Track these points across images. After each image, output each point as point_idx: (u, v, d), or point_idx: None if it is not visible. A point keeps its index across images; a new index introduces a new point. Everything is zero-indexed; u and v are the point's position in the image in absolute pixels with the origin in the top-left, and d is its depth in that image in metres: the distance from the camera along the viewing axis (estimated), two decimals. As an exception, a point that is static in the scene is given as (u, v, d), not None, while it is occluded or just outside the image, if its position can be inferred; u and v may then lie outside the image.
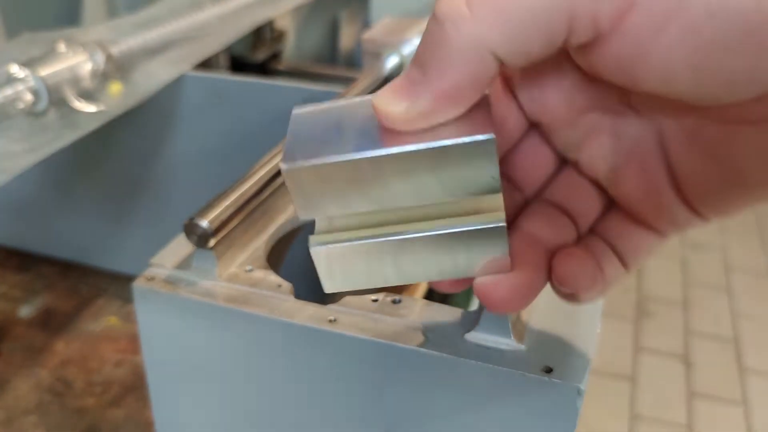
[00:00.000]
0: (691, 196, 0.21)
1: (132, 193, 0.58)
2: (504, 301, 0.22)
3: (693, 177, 0.21)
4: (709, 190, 0.21)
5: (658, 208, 0.22)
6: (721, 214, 0.22)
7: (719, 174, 0.20)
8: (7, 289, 0.58)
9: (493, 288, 0.22)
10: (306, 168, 0.19)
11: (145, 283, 0.31)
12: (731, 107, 0.18)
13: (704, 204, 0.21)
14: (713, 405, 1.14)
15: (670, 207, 0.22)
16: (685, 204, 0.22)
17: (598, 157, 0.23)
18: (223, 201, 0.32)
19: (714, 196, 0.21)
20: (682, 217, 0.22)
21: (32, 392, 0.49)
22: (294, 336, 0.29)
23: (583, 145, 0.23)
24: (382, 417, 0.29)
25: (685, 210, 0.22)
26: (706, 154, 0.20)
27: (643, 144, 0.22)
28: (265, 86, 0.51)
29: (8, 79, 0.43)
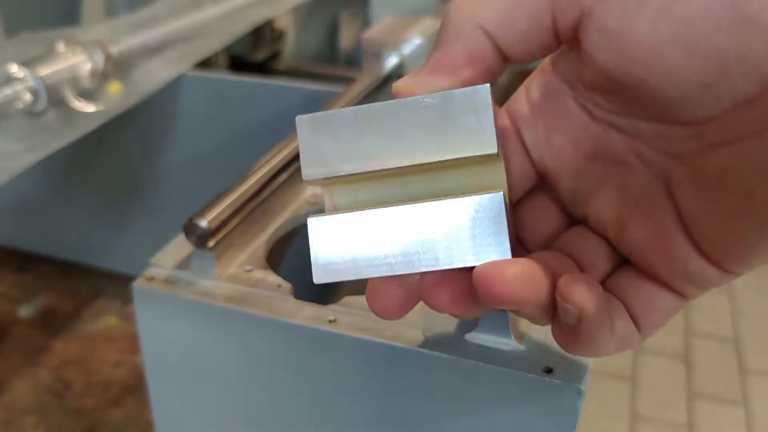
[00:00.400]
0: (706, 244, 0.19)
1: (131, 192, 0.58)
2: (507, 285, 0.19)
3: (704, 220, 0.19)
4: (724, 232, 0.19)
5: (668, 259, 0.20)
6: (745, 262, 0.19)
7: (732, 209, 0.18)
8: (6, 289, 0.58)
9: (493, 271, 0.19)
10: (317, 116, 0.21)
11: (145, 283, 0.31)
12: (733, 115, 0.17)
13: (722, 251, 0.19)
14: (714, 405, 1.14)
15: (683, 258, 0.20)
16: (701, 255, 0.20)
17: (605, 210, 0.22)
18: (222, 201, 0.32)
19: (731, 239, 0.19)
20: (698, 270, 0.20)
21: (32, 392, 0.49)
22: (294, 336, 0.29)
23: (590, 198, 0.22)
24: (381, 417, 0.29)
25: (701, 261, 0.20)
26: (714, 188, 0.19)
27: (650, 193, 0.20)
28: (264, 86, 0.51)
29: (7, 79, 0.43)
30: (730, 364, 1.21)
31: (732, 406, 1.12)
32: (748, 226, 0.18)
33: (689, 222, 0.20)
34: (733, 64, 0.16)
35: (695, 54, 0.16)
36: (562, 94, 0.21)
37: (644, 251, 0.21)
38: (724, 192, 0.18)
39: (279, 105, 0.50)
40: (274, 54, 0.71)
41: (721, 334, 1.30)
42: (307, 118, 0.21)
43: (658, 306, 0.21)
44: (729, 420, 1.09)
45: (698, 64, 0.17)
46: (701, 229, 0.19)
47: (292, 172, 0.38)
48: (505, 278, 0.19)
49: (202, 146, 0.54)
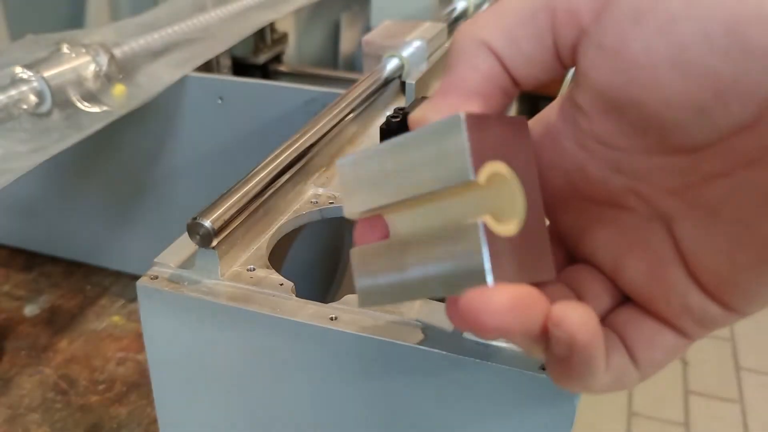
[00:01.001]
0: (706, 278, 0.19)
1: (135, 193, 0.58)
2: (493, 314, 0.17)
3: (703, 253, 0.19)
4: (723, 265, 0.18)
5: (667, 293, 0.20)
6: (747, 299, 0.18)
7: (731, 241, 0.18)
8: (12, 288, 0.59)
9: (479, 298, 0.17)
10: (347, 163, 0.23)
11: (149, 282, 0.31)
12: (729, 143, 0.17)
13: (722, 286, 0.19)
14: (710, 403, 1.14)
15: (682, 292, 0.19)
16: (702, 290, 0.19)
17: (601, 249, 0.21)
18: (225, 201, 0.32)
19: (730, 273, 0.18)
20: (699, 305, 0.19)
21: (36, 390, 0.49)
22: (295, 334, 0.29)
23: (585, 236, 0.22)
24: (381, 414, 0.29)
25: (702, 297, 0.19)
26: (712, 220, 0.18)
27: (647, 230, 0.20)
28: (266, 88, 0.51)
29: (12, 81, 0.43)
30: (725, 362, 1.21)
31: (727, 403, 1.12)
32: (748, 259, 0.18)
33: (688, 256, 0.19)
34: (728, 87, 0.16)
35: (690, 76, 0.16)
36: (563, 135, 0.21)
37: (642, 286, 0.20)
38: (722, 224, 0.18)
39: (281, 107, 0.50)
40: (276, 56, 0.72)
41: (717, 333, 1.30)
42: (347, 162, 0.23)
43: (658, 343, 0.20)
44: (724, 417, 1.09)
45: (694, 86, 0.16)
46: (701, 263, 0.19)
47: (295, 172, 0.38)
48: (490, 307, 0.17)
49: (205, 147, 0.54)
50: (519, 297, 0.17)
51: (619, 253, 0.21)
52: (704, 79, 0.16)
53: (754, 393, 1.15)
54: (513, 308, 0.17)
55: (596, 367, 0.19)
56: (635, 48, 0.17)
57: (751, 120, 0.16)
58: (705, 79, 0.16)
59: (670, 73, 0.16)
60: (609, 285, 0.22)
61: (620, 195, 0.20)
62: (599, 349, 0.19)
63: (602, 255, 0.21)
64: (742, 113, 0.16)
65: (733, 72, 0.16)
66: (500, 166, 0.20)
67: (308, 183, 0.40)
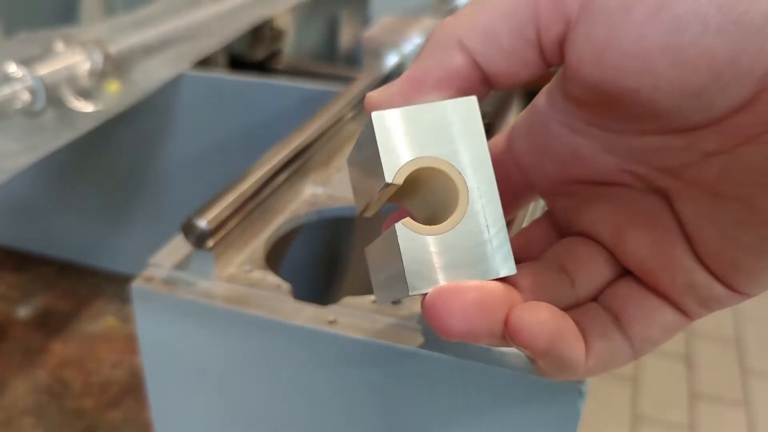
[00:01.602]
0: (709, 258, 0.19)
1: (130, 192, 0.57)
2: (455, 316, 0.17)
3: (706, 233, 0.18)
4: (726, 244, 0.18)
5: (672, 269, 0.19)
6: (750, 279, 0.18)
7: (733, 220, 0.18)
8: (5, 289, 0.58)
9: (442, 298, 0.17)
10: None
11: (144, 283, 0.31)
12: (727, 122, 0.17)
13: (726, 265, 0.18)
14: (715, 406, 1.14)
15: (688, 269, 0.19)
16: (706, 269, 0.19)
17: (600, 223, 0.21)
18: (221, 201, 0.32)
19: (734, 252, 0.18)
20: (703, 284, 0.19)
21: (30, 393, 0.48)
22: (293, 337, 0.29)
23: (582, 214, 0.21)
24: (382, 418, 0.29)
25: (706, 275, 0.19)
26: (712, 199, 0.18)
27: (648, 207, 0.20)
28: (264, 85, 0.51)
29: (6, 79, 0.43)
30: (731, 365, 1.21)
31: (733, 407, 1.12)
32: (751, 239, 0.18)
33: (692, 235, 0.19)
34: (724, 67, 0.16)
35: (685, 60, 0.16)
36: (553, 120, 0.20)
37: (646, 259, 0.20)
38: (724, 202, 0.18)
39: (278, 104, 0.50)
40: (274, 53, 0.71)
41: (723, 335, 1.30)
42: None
43: (656, 320, 0.20)
44: (730, 421, 1.09)
45: (689, 71, 0.16)
46: (704, 243, 0.19)
47: (292, 172, 0.38)
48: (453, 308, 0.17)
49: (201, 146, 0.53)
50: (483, 298, 0.17)
51: (620, 225, 0.20)
52: (700, 61, 0.16)
53: (761, 396, 1.15)
54: (478, 310, 0.17)
55: (571, 361, 0.18)
56: (626, 39, 0.16)
57: (749, 98, 0.16)
58: (700, 61, 0.16)
59: (664, 60, 0.16)
60: (606, 257, 0.21)
61: (615, 174, 0.20)
62: (567, 347, 0.18)
63: (601, 227, 0.21)
64: (739, 93, 0.16)
65: (728, 51, 0.15)
66: (430, 160, 0.18)
67: (306, 182, 0.39)
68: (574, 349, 0.19)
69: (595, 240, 0.21)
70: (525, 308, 0.18)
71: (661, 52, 0.16)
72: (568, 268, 0.21)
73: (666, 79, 0.16)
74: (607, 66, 0.17)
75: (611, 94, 0.17)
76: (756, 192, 0.17)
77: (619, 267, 0.21)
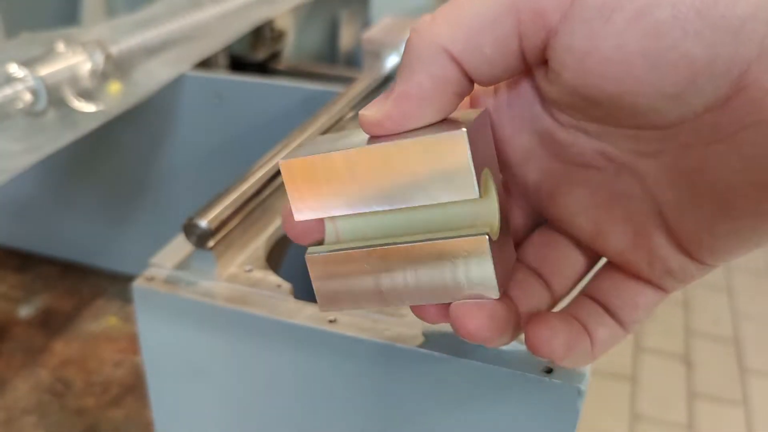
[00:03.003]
0: (685, 241, 0.20)
1: (131, 192, 0.58)
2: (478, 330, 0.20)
3: (683, 218, 0.19)
4: (703, 231, 0.19)
5: (650, 259, 0.21)
6: (718, 255, 0.20)
7: (711, 209, 0.19)
8: (6, 289, 0.58)
9: (469, 312, 0.20)
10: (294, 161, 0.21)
11: (145, 283, 0.31)
12: (704, 119, 0.17)
13: (702, 248, 0.20)
14: (714, 405, 1.14)
15: (665, 257, 0.20)
16: (682, 252, 0.20)
17: (579, 215, 0.22)
18: (222, 201, 0.32)
19: (710, 238, 0.19)
20: (679, 266, 0.20)
21: (32, 392, 0.48)
22: (294, 336, 0.29)
23: (559, 199, 0.22)
24: (381, 417, 0.29)
25: (682, 257, 0.20)
26: (688, 188, 0.19)
27: (623, 192, 0.20)
28: (264, 86, 0.51)
29: (7, 79, 0.43)
30: (730, 364, 1.21)
31: (732, 406, 1.12)
32: (725, 228, 0.19)
33: (669, 219, 0.20)
34: (701, 70, 0.16)
35: (664, 63, 0.16)
36: (531, 100, 0.21)
37: (625, 252, 0.21)
38: (701, 192, 0.19)
39: (279, 105, 0.50)
40: (274, 54, 0.71)
41: (722, 334, 1.30)
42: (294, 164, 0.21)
43: (641, 303, 0.22)
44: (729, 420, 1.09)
45: (667, 73, 0.16)
46: (681, 228, 0.20)
47: (292, 172, 0.38)
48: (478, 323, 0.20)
49: (202, 146, 0.54)
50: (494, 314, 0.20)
51: (599, 220, 0.21)
52: (678, 64, 0.16)
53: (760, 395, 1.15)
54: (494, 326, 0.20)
55: (583, 355, 0.21)
56: (606, 46, 0.17)
57: (724, 99, 0.17)
58: (679, 64, 0.16)
59: (644, 65, 0.16)
60: (577, 255, 0.23)
61: (589, 156, 0.20)
62: (580, 347, 0.21)
63: (580, 219, 0.22)
64: (714, 93, 0.16)
65: (706, 54, 0.16)
66: (486, 173, 0.20)
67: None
68: (584, 345, 0.21)
69: (571, 233, 0.22)
70: (540, 325, 0.21)
71: (642, 57, 0.16)
72: (545, 273, 0.23)
73: (646, 82, 0.17)
74: (588, 72, 0.17)
75: (592, 98, 0.18)
76: (730, 188, 0.18)
77: (591, 259, 0.23)
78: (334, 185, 0.20)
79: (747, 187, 0.18)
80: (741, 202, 0.18)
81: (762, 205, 0.18)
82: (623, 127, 0.19)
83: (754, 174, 0.17)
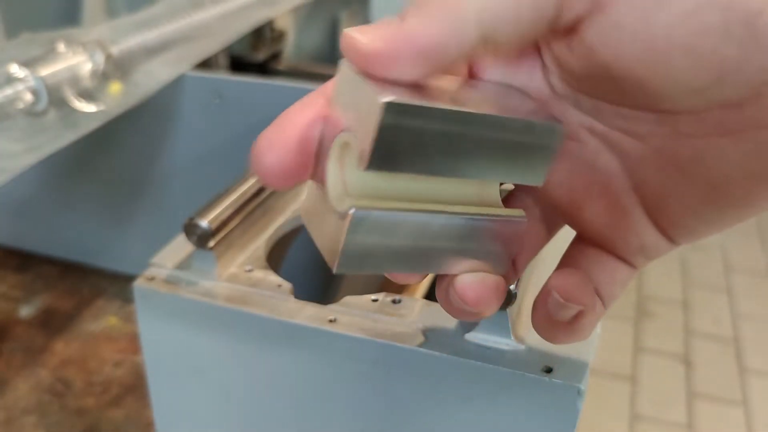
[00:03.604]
0: (664, 221, 0.20)
1: (132, 192, 0.58)
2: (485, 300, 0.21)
3: (669, 201, 0.20)
4: (689, 214, 0.20)
5: (627, 236, 0.21)
6: (696, 236, 0.21)
7: (701, 196, 0.19)
8: (7, 289, 0.58)
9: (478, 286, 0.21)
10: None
11: (146, 283, 0.31)
12: (712, 114, 0.18)
13: (682, 229, 0.20)
14: (714, 405, 1.14)
15: (640, 233, 0.21)
16: (659, 230, 0.21)
17: (558, 188, 0.21)
18: (222, 201, 0.32)
19: (694, 221, 0.20)
20: (652, 243, 0.21)
21: (32, 392, 0.48)
22: (294, 336, 0.29)
23: None
24: (381, 417, 0.29)
25: (657, 235, 0.21)
26: (683, 174, 0.19)
27: (603, 168, 0.21)
28: (264, 86, 0.51)
29: (8, 79, 0.43)
30: (729, 365, 1.21)
31: (732, 406, 1.12)
32: (712, 213, 0.20)
33: (651, 199, 0.20)
34: (730, 73, 0.17)
35: (702, 61, 0.17)
36: (532, 67, 0.20)
37: (601, 228, 0.21)
38: (691, 179, 0.19)
39: (279, 105, 0.50)
40: (275, 54, 0.71)
41: (721, 335, 1.30)
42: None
43: (617, 279, 0.22)
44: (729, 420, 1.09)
45: (701, 71, 0.17)
46: (663, 208, 0.20)
47: (293, 172, 0.38)
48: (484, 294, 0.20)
49: (202, 146, 0.54)
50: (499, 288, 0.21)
51: (578, 195, 0.21)
52: (713, 65, 0.17)
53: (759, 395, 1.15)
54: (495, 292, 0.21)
55: (594, 322, 0.21)
56: (656, 32, 0.17)
57: (739, 101, 0.17)
58: (714, 65, 0.17)
59: (683, 58, 0.17)
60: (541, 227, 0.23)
61: (572, 128, 0.21)
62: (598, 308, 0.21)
63: (558, 192, 0.22)
64: (733, 95, 0.17)
65: (738, 60, 0.17)
66: None
67: (307, 182, 0.39)
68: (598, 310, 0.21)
69: (547, 204, 0.22)
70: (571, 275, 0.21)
71: (684, 51, 0.17)
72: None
73: (679, 74, 0.17)
74: (627, 54, 0.17)
75: (617, 76, 0.18)
76: (725, 178, 0.19)
77: (550, 234, 0.23)
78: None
79: (741, 178, 0.18)
80: (733, 191, 0.19)
81: (752, 195, 0.19)
82: (628, 107, 0.19)
83: (751, 166, 0.18)
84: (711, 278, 1.49)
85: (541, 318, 0.22)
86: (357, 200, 0.19)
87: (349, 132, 0.19)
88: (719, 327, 1.33)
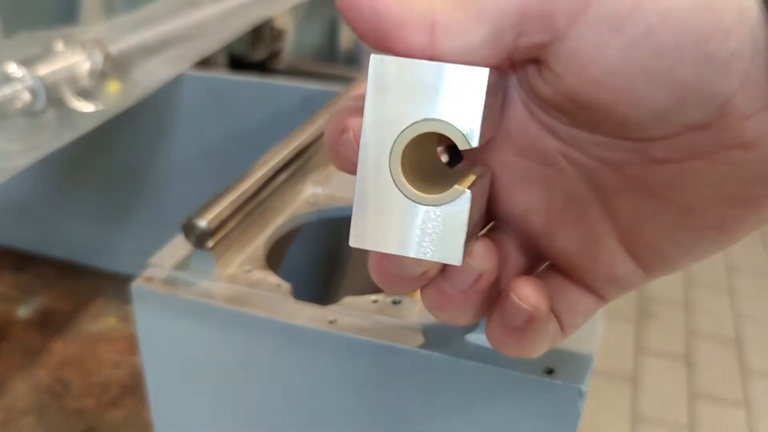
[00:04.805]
0: (639, 249, 0.20)
1: (130, 192, 0.57)
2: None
3: (643, 228, 0.20)
4: (663, 241, 0.20)
5: (595, 264, 0.21)
6: (671, 265, 0.20)
7: (674, 221, 0.19)
8: (5, 289, 0.58)
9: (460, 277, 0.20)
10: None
11: (144, 283, 0.31)
12: (682, 137, 0.18)
13: (654, 256, 0.20)
14: (715, 406, 1.14)
15: (611, 263, 0.21)
16: (632, 259, 0.21)
17: (533, 215, 0.21)
18: (221, 201, 0.32)
19: (669, 248, 0.20)
20: (624, 273, 0.21)
21: (30, 393, 0.48)
22: (293, 337, 0.29)
23: (514, 196, 0.21)
24: (381, 418, 0.29)
25: (630, 265, 0.21)
26: (655, 200, 0.19)
27: (578, 196, 0.21)
28: (264, 85, 0.51)
29: (6, 79, 0.42)
30: (731, 365, 1.21)
31: (733, 406, 1.12)
32: (690, 237, 0.20)
33: (624, 228, 0.20)
34: (690, 93, 0.17)
35: (661, 83, 0.17)
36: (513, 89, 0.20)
37: (572, 256, 0.21)
38: (667, 204, 0.19)
39: (278, 104, 0.50)
40: (274, 53, 0.71)
41: (723, 335, 1.30)
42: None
43: (580, 309, 0.22)
44: (730, 421, 1.09)
45: (662, 93, 0.17)
46: (638, 237, 0.20)
47: (292, 171, 0.38)
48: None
49: (201, 146, 0.53)
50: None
51: (552, 222, 0.21)
52: (673, 86, 0.17)
53: (761, 396, 1.15)
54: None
55: (545, 334, 0.21)
56: (613, 56, 0.17)
57: (706, 122, 0.17)
58: (673, 86, 0.17)
59: (642, 81, 0.17)
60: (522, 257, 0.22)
61: (551, 153, 0.21)
62: (550, 320, 0.21)
63: (533, 217, 0.22)
64: (698, 116, 0.17)
65: (696, 80, 0.17)
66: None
67: (306, 182, 0.39)
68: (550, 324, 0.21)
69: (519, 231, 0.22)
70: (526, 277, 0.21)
71: (642, 74, 0.17)
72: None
73: (640, 97, 0.17)
74: (589, 80, 0.18)
75: (585, 103, 0.18)
76: (701, 201, 0.19)
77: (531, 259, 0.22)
78: None
79: (716, 200, 0.19)
80: (708, 214, 0.19)
81: (728, 218, 0.19)
82: (601, 134, 0.19)
83: (725, 188, 0.18)
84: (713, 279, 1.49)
85: (494, 323, 0.21)
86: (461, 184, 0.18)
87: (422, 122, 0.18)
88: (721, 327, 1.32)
